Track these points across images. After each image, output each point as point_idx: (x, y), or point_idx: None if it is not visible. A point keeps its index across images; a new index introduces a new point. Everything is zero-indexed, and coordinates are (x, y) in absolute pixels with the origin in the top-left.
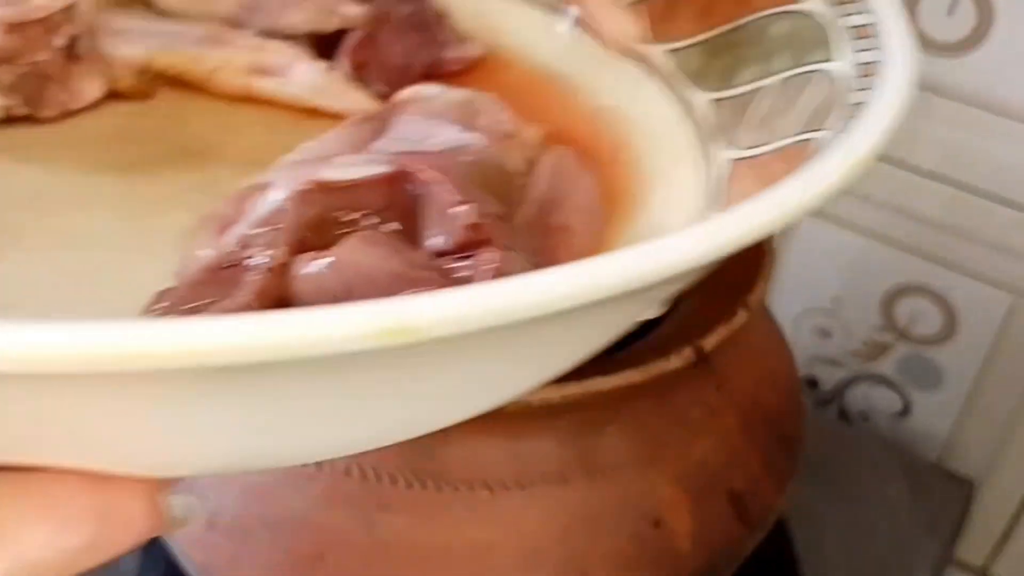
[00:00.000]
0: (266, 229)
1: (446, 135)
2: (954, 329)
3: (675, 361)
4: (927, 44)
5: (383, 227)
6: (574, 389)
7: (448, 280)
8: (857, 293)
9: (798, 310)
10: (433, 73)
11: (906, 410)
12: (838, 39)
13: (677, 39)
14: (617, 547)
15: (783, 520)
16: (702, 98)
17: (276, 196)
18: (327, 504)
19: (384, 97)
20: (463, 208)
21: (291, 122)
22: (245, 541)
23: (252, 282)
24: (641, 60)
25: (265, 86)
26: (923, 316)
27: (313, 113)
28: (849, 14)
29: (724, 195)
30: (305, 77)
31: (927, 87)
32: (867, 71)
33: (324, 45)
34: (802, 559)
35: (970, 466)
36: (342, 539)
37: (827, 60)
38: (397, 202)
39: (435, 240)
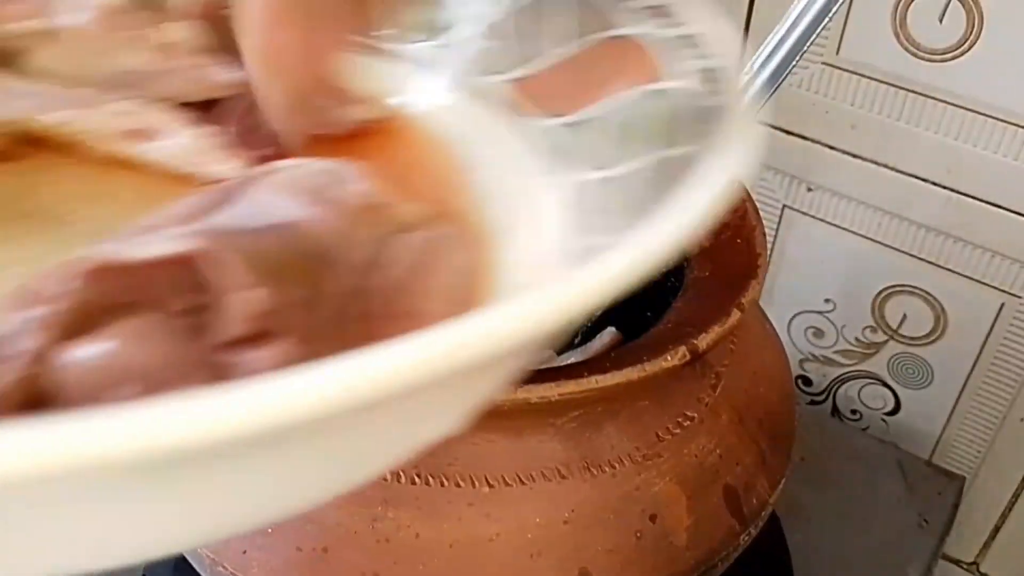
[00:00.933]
0: (42, 311)
1: (282, 210)
2: (945, 329)
3: (670, 360)
4: (918, 50)
5: (169, 313)
6: (572, 387)
7: (221, 376)
8: (850, 293)
9: (792, 310)
10: (323, 137)
11: (897, 408)
12: (694, 123)
13: (556, 116)
14: (615, 541)
15: (776, 516)
16: (571, 179)
17: (66, 274)
18: (333, 500)
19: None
20: (248, 295)
21: (163, 191)
22: (252, 536)
23: (7, 372)
24: (522, 136)
25: (135, 151)
26: (914, 316)
27: (190, 181)
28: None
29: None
30: (178, 142)
31: (919, 92)
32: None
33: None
34: (794, 554)
35: (960, 463)
36: (347, 534)
37: (686, 144)
38: (189, 285)
39: (221, 329)
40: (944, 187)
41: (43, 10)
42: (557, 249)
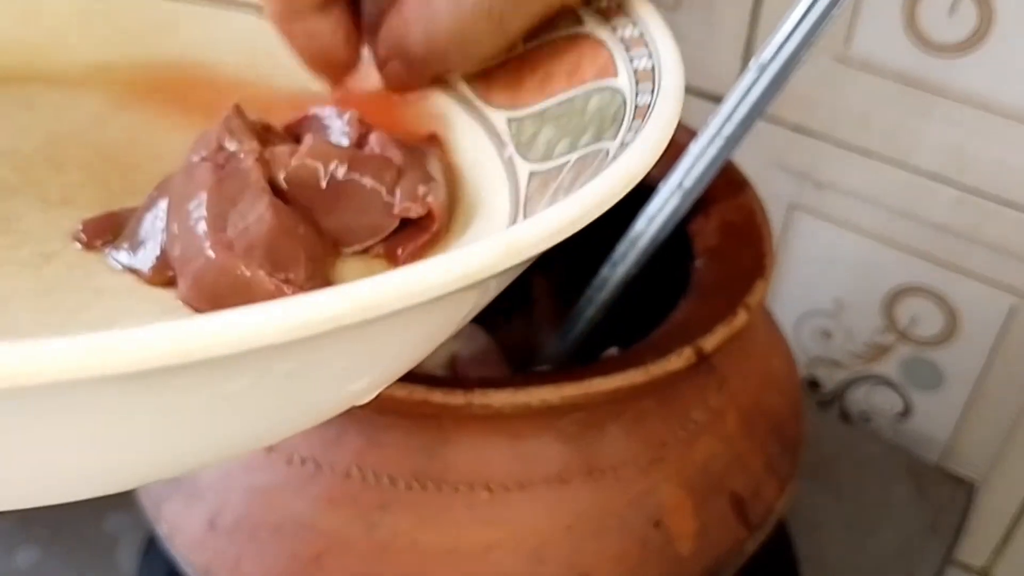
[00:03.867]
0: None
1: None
2: (955, 330)
3: (675, 361)
4: (928, 45)
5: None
6: (574, 390)
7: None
8: (858, 294)
9: (799, 311)
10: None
11: (907, 411)
12: (627, 118)
13: (518, 107)
14: (618, 548)
15: (784, 521)
16: (524, 168)
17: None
18: (328, 505)
19: None
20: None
21: None
22: (245, 543)
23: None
24: (487, 125)
25: None
26: (924, 317)
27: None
28: (638, 93)
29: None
30: None
31: (928, 88)
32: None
33: None
34: (803, 560)
35: (971, 467)
36: (342, 540)
37: (613, 138)
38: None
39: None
40: (954, 185)
41: None
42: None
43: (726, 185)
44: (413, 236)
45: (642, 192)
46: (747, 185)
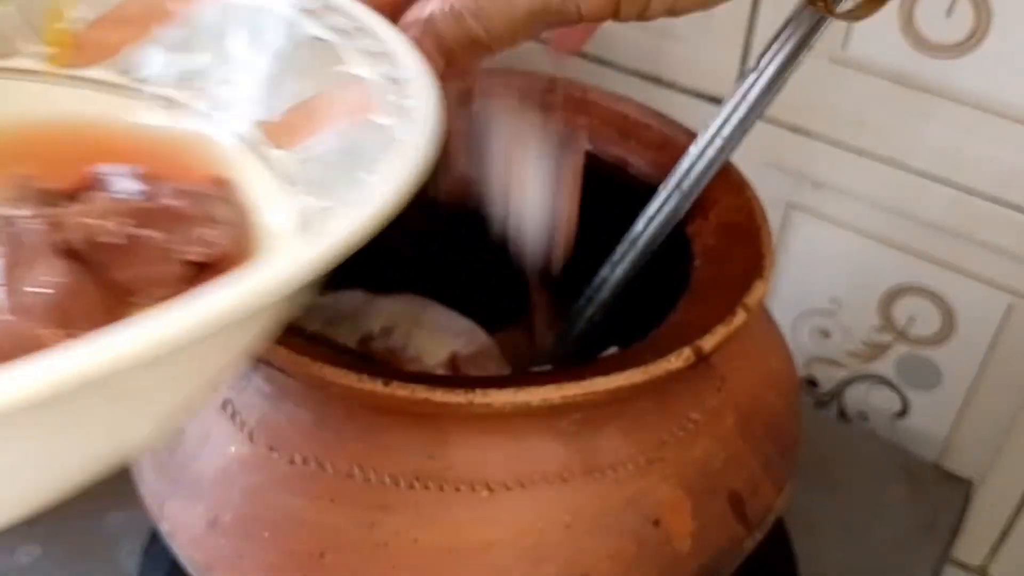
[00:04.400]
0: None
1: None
2: (953, 329)
3: (674, 361)
4: (925, 46)
5: None
6: (574, 389)
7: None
8: (856, 293)
9: (797, 311)
10: None
11: (905, 410)
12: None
13: (297, 147)
14: (618, 547)
15: (781, 520)
16: (308, 203)
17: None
18: (328, 504)
19: None
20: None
21: None
22: (246, 541)
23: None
24: (271, 164)
25: None
26: (922, 316)
27: None
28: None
29: None
30: None
31: (925, 88)
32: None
33: None
34: (800, 559)
35: (968, 466)
36: (343, 539)
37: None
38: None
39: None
40: (951, 185)
41: None
42: None
43: (725, 186)
44: (210, 277)
45: (642, 193)
46: (746, 186)
